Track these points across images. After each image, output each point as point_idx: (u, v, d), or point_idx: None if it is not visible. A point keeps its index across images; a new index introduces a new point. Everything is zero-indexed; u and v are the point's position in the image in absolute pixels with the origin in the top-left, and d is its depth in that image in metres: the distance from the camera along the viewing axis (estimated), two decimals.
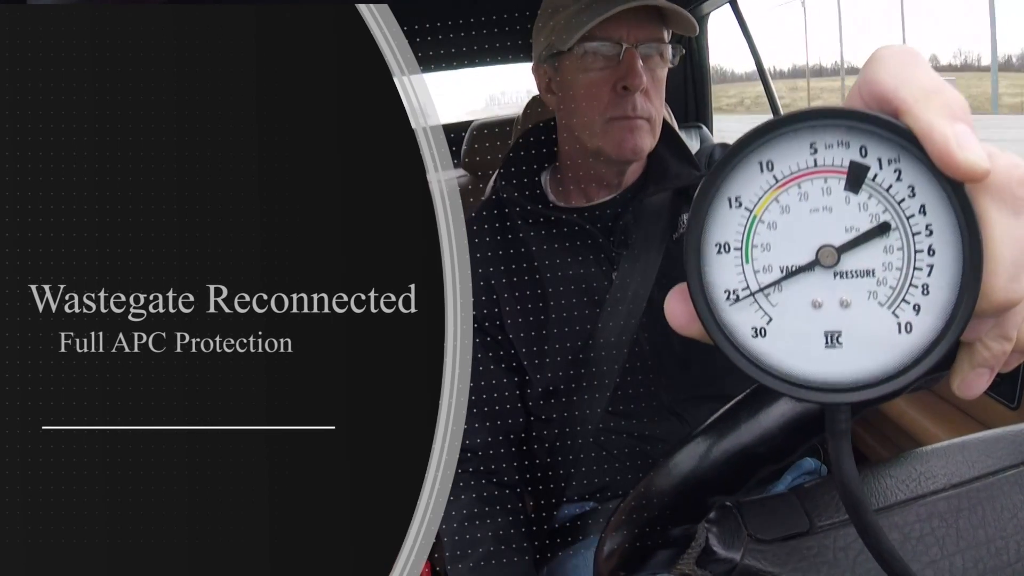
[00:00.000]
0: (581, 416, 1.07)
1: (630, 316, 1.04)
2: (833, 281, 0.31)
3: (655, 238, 1.06)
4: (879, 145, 0.30)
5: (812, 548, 0.43)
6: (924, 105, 0.29)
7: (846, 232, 0.31)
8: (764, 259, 0.32)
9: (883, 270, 0.31)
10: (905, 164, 0.30)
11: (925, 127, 0.28)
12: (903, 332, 0.31)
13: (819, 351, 0.32)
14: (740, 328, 0.33)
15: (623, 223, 1.07)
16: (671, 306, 0.35)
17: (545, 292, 1.09)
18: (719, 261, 0.33)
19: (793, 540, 0.43)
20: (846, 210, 0.31)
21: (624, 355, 1.04)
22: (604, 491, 1.14)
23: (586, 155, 1.08)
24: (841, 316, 0.32)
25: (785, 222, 0.32)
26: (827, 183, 0.31)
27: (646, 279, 1.04)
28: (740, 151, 0.32)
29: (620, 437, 1.10)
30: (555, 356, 1.08)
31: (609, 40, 0.99)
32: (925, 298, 0.30)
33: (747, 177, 0.32)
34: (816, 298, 0.32)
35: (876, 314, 0.31)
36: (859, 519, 0.34)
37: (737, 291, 0.33)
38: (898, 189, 0.30)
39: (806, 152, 0.31)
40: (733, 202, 0.32)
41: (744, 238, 0.32)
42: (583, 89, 1.02)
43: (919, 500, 0.43)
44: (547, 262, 1.09)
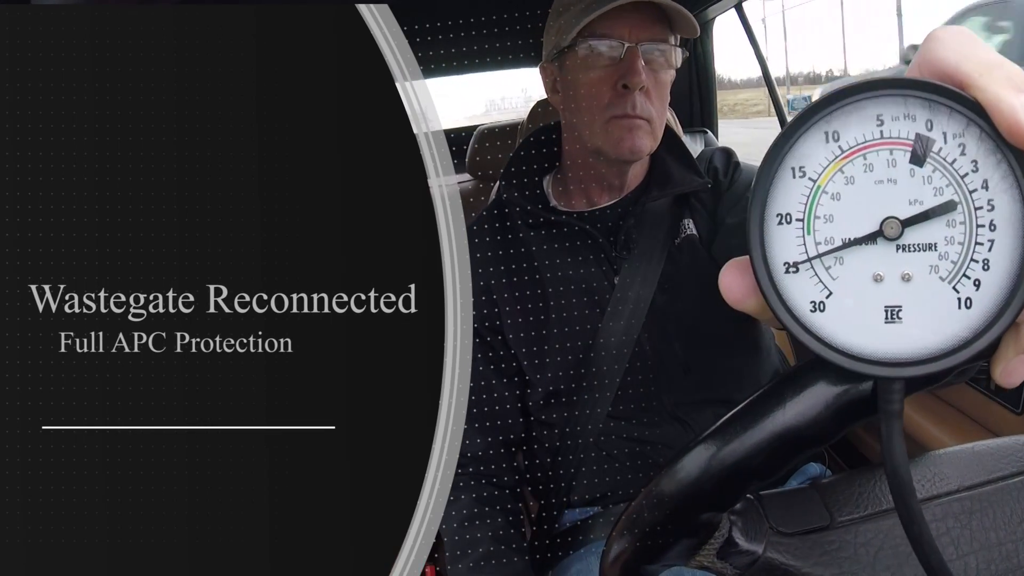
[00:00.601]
0: (583, 420, 1.07)
1: (632, 320, 1.04)
2: (895, 255, 0.31)
3: (658, 242, 1.06)
4: (944, 119, 0.30)
5: (833, 543, 0.42)
6: (988, 77, 0.29)
7: (910, 205, 0.31)
8: (826, 231, 0.32)
9: (945, 244, 0.31)
10: (969, 139, 0.30)
11: (992, 98, 0.28)
12: (963, 307, 0.31)
13: (878, 326, 0.32)
14: (799, 302, 0.32)
15: (625, 227, 1.07)
16: (727, 280, 0.34)
17: (547, 296, 1.08)
18: (780, 232, 0.32)
19: (814, 534, 0.43)
20: (910, 183, 0.31)
21: (626, 359, 1.04)
22: (607, 495, 1.13)
23: (587, 155, 1.08)
24: (902, 290, 0.31)
25: (849, 193, 0.32)
26: (892, 155, 0.31)
27: (648, 283, 1.04)
28: (806, 120, 0.32)
29: (622, 441, 1.09)
30: (556, 360, 1.08)
31: (611, 38, 0.99)
32: (985, 273, 0.30)
33: (812, 147, 0.32)
34: (878, 272, 0.31)
35: (937, 289, 0.31)
36: (904, 505, 0.33)
37: (797, 264, 0.32)
38: (962, 163, 0.30)
39: (872, 123, 0.31)
40: (797, 172, 0.32)
41: (807, 209, 0.32)
42: (584, 87, 1.02)
43: (935, 500, 0.43)
44: (549, 266, 1.09)
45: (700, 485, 0.40)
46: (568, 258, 1.08)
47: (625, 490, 1.11)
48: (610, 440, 1.09)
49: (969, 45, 0.30)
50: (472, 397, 1.11)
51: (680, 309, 1.06)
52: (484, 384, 1.13)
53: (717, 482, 0.39)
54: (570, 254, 1.08)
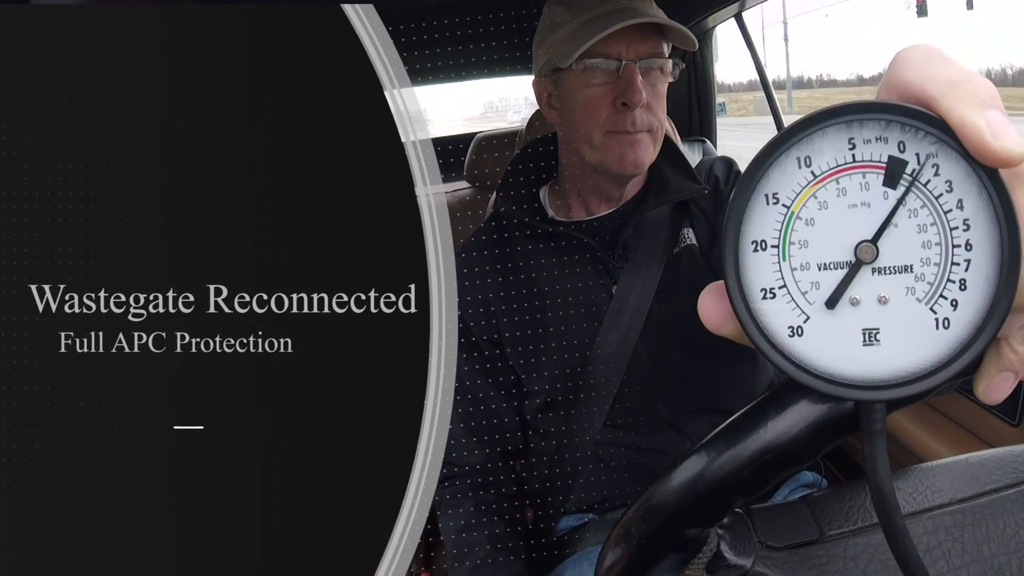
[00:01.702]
0: (580, 429, 1.07)
1: (630, 329, 1.04)
2: (871, 277, 0.31)
3: (656, 252, 1.06)
4: (917, 140, 0.30)
5: (822, 557, 0.42)
6: (953, 97, 0.29)
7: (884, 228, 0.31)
8: (801, 256, 0.32)
9: (921, 265, 0.31)
10: (942, 159, 0.30)
11: (956, 118, 0.28)
12: (941, 328, 0.31)
13: (856, 349, 0.32)
14: (776, 327, 0.32)
15: (623, 237, 1.07)
16: (705, 305, 0.35)
17: (544, 306, 1.09)
18: (756, 259, 0.32)
19: (803, 548, 0.43)
20: (884, 205, 0.31)
21: (623, 368, 1.04)
22: (603, 503, 1.13)
23: (587, 169, 1.08)
24: (879, 313, 0.31)
25: (823, 218, 0.32)
26: (865, 178, 0.31)
27: (646, 293, 1.04)
28: (778, 147, 0.32)
29: (619, 450, 1.09)
30: (554, 369, 1.09)
31: (608, 56, 0.99)
32: (963, 293, 0.30)
33: (785, 173, 0.32)
34: (854, 295, 0.31)
35: (914, 310, 0.31)
36: (888, 522, 0.33)
37: (773, 289, 0.32)
38: (936, 184, 0.30)
39: (844, 147, 0.31)
40: (770, 198, 0.32)
41: (781, 235, 0.32)
42: (583, 105, 1.02)
43: (926, 513, 0.43)
44: (547, 276, 1.09)
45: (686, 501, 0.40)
46: (566, 268, 1.09)
47: (621, 497, 1.12)
48: (607, 448, 1.10)
49: (934, 64, 0.30)
50: (471, 407, 1.12)
51: (678, 318, 1.06)
52: (483, 394, 1.14)
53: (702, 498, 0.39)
54: (568, 264, 1.09)
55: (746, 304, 0.32)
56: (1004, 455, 0.46)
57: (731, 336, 0.34)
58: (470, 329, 1.13)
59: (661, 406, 1.08)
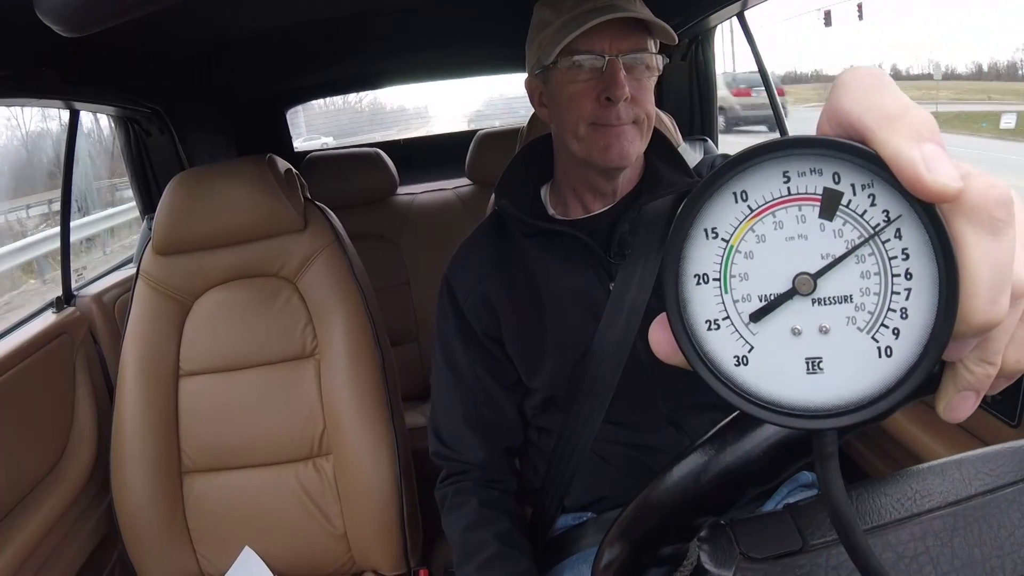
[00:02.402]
0: (579, 426, 1.07)
1: (628, 326, 1.04)
2: (812, 308, 0.32)
3: (653, 248, 1.06)
4: (852, 171, 0.30)
5: (804, 567, 0.42)
6: (888, 131, 0.28)
7: (822, 259, 0.31)
8: (743, 288, 0.32)
9: (861, 295, 0.31)
10: (879, 189, 0.30)
11: (892, 153, 0.28)
12: (883, 356, 0.31)
13: (801, 378, 0.32)
14: (722, 357, 0.33)
15: (619, 233, 1.08)
16: (655, 336, 0.35)
17: (543, 303, 1.09)
18: (699, 292, 0.33)
19: (785, 559, 0.43)
20: (821, 237, 0.31)
21: (622, 365, 1.05)
22: (602, 501, 1.14)
23: (578, 164, 1.08)
24: (821, 342, 0.32)
25: (762, 251, 0.32)
26: (801, 211, 0.31)
27: (643, 289, 1.05)
28: (714, 183, 0.32)
29: (618, 447, 1.10)
30: (553, 366, 1.09)
31: (592, 52, 1.00)
32: (904, 322, 0.30)
33: (722, 208, 0.32)
34: (796, 326, 0.32)
35: (856, 339, 0.31)
36: (848, 540, 0.33)
37: (717, 321, 0.33)
38: (872, 214, 0.30)
39: (779, 181, 0.31)
40: (710, 233, 0.32)
41: (722, 268, 0.33)
42: (568, 99, 1.04)
43: (914, 519, 0.42)
44: (546, 274, 1.10)
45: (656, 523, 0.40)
46: (564, 266, 1.09)
47: (620, 495, 1.12)
48: (606, 446, 1.10)
49: (872, 93, 0.30)
50: (474, 406, 1.13)
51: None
52: (485, 392, 1.15)
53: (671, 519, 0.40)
54: (566, 262, 1.09)
55: (688, 336, 0.33)
56: (999, 452, 0.45)
57: (680, 365, 0.35)
58: (472, 324, 1.13)
59: (660, 402, 1.08)
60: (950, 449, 1.22)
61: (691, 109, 2.36)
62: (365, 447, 1.53)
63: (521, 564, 1.06)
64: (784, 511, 0.45)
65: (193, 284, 1.63)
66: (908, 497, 0.43)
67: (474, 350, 1.15)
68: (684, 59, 2.29)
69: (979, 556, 0.41)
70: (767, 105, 2.14)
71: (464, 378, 1.16)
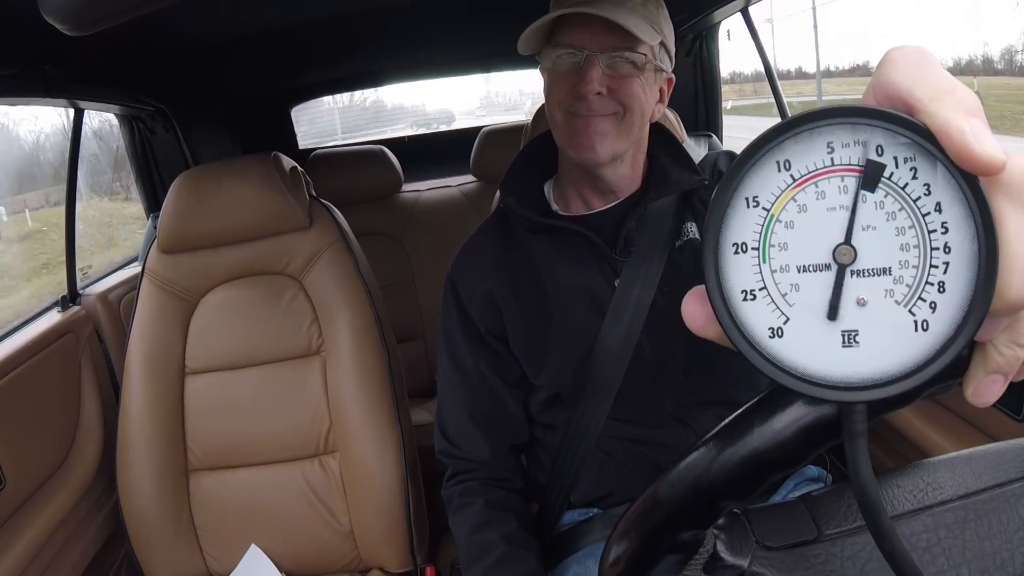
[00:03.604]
0: (584, 422, 1.08)
1: (633, 323, 1.04)
2: (850, 280, 0.31)
3: (658, 245, 1.06)
4: (895, 144, 0.30)
5: (819, 556, 0.42)
6: (939, 102, 0.29)
7: (863, 231, 0.31)
8: (781, 259, 0.32)
9: (899, 268, 0.31)
10: (920, 162, 0.30)
11: (942, 123, 0.28)
12: (919, 330, 0.31)
13: (836, 351, 0.32)
14: (757, 329, 0.33)
15: (625, 230, 1.08)
16: (689, 308, 0.35)
17: (549, 300, 1.09)
18: (736, 261, 0.33)
19: (800, 548, 0.43)
20: (862, 208, 0.31)
21: (627, 361, 1.05)
22: (608, 498, 1.14)
23: (568, 159, 1.09)
24: (858, 315, 0.32)
25: (802, 221, 0.32)
26: (844, 182, 0.31)
27: (648, 285, 1.05)
28: (757, 151, 0.32)
29: (624, 443, 1.10)
30: (558, 363, 1.09)
31: (572, 47, 1.01)
32: (941, 296, 0.30)
33: (764, 177, 0.32)
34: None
35: (893, 312, 0.31)
36: (874, 523, 0.33)
37: (754, 291, 0.33)
38: (914, 187, 0.30)
39: (823, 151, 0.31)
40: (751, 202, 0.32)
41: (762, 238, 0.32)
42: (549, 90, 1.05)
43: (926, 511, 0.42)
44: (551, 270, 1.10)
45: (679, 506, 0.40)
46: (569, 262, 1.09)
47: (626, 491, 1.12)
48: (611, 442, 1.10)
49: (922, 69, 0.30)
50: (479, 403, 1.13)
51: (680, 311, 1.05)
52: (490, 389, 1.15)
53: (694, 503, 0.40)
54: (571, 258, 1.09)
55: (726, 306, 0.33)
56: (1008, 449, 0.45)
57: (714, 338, 0.35)
58: (476, 322, 1.14)
59: (665, 399, 1.08)
60: (955, 443, 1.21)
61: (695, 105, 2.35)
62: (371, 444, 1.53)
63: (528, 564, 1.06)
64: (798, 501, 0.45)
65: (198, 282, 1.63)
66: (920, 489, 0.43)
67: (478, 348, 1.15)
68: (688, 55, 2.28)
69: (989, 549, 0.41)
70: None
71: (469, 376, 1.16)
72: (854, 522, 0.43)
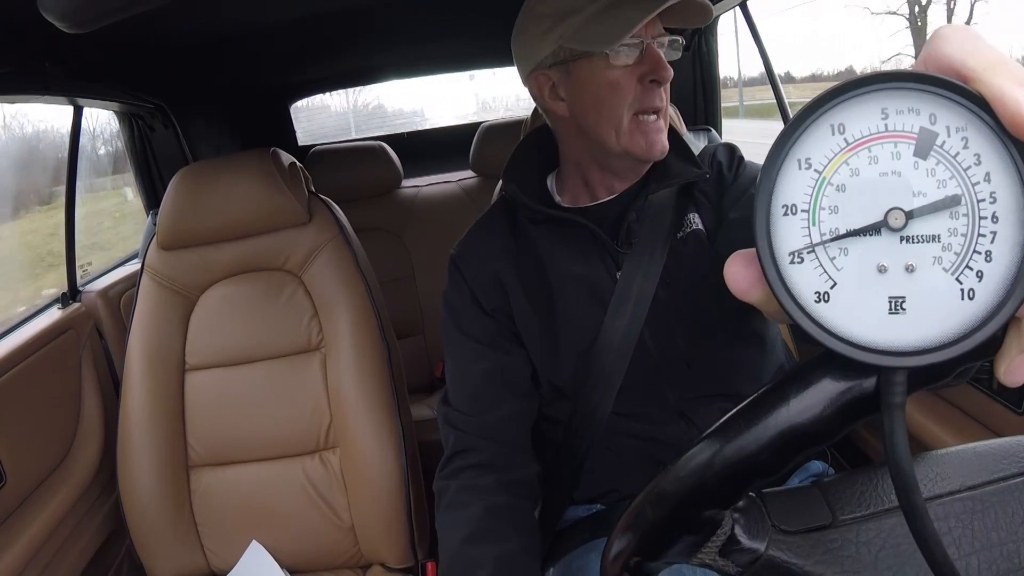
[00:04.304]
0: (587, 417, 1.07)
1: (635, 316, 1.04)
2: (900, 246, 0.32)
3: (659, 237, 1.06)
4: (947, 113, 0.31)
5: (835, 541, 0.42)
6: (993, 72, 0.29)
7: (914, 197, 0.31)
8: (831, 222, 0.32)
9: (948, 236, 0.31)
10: (972, 132, 0.30)
11: (997, 91, 0.29)
12: (966, 298, 0.31)
13: (882, 316, 0.32)
14: (803, 292, 0.33)
15: (627, 222, 1.07)
16: (732, 270, 0.35)
17: (551, 291, 1.09)
18: (785, 223, 0.33)
19: (816, 532, 0.43)
20: (914, 175, 0.31)
21: (629, 354, 1.04)
22: (612, 493, 1.13)
23: (606, 156, 1.07)
24: (906, 281, 0.32)
25: (854, 185, 0.32)
26: (897, 148, 0.31)
27: (650, 277, 1.04)
28: (812, 112, 0.32)
29: (628, 439, 1.09)
30: (561, 355, 1.08)
31: (633, 36, 0.99)
32: (988, 265, 0.31)
33: (818, 139, 0.32)
34: (882, 262, 0.32)
35: (940, 280, 0.31)
36: (907, 500, 0.33)
37: (802, 253, 0.33)
38: (964, 156, 0.31)
39: (877, 116, 0.32)
40: (803, 163, 0.32)
41: (812, 200, 0.33)
42: (607, 87, 1.01)
43: (936, 500, 0.42)
44: (553, 261, 1.09)
45: (703, 482, 0.40)
46: (571, 253, 1.09)
47: (629, 487, 1.11)
48: (615, 437, 1.09)
49: (974, 42, 0.31)
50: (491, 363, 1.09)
51: (684, 303, 1.06)
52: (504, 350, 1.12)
53: (720, 479, 0.39)
54: (573, 249, 1.09)
55: (776, 267, 0.33)
56: (1012, 444, 0.45)
57: (756, 302, 0.35)
58: (482, 300, 1.12)
59: (668, 392, 1.07)
60: (956, 436, 1.22)
61: (695, 99, 2.35)
62: (371, 440, 1.53)
63: None
64: (812, 486, 0.46)
65: (198, 278, 1.63)
66: (930, 479, 0.43)
67: (487, 318, 1.12)
68: (688, 49, 2.28)
69: (996, 540, 0.41)
70: None
71: (479, 340, 1.12)
72: (868, 508, 0.43)
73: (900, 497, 0.34)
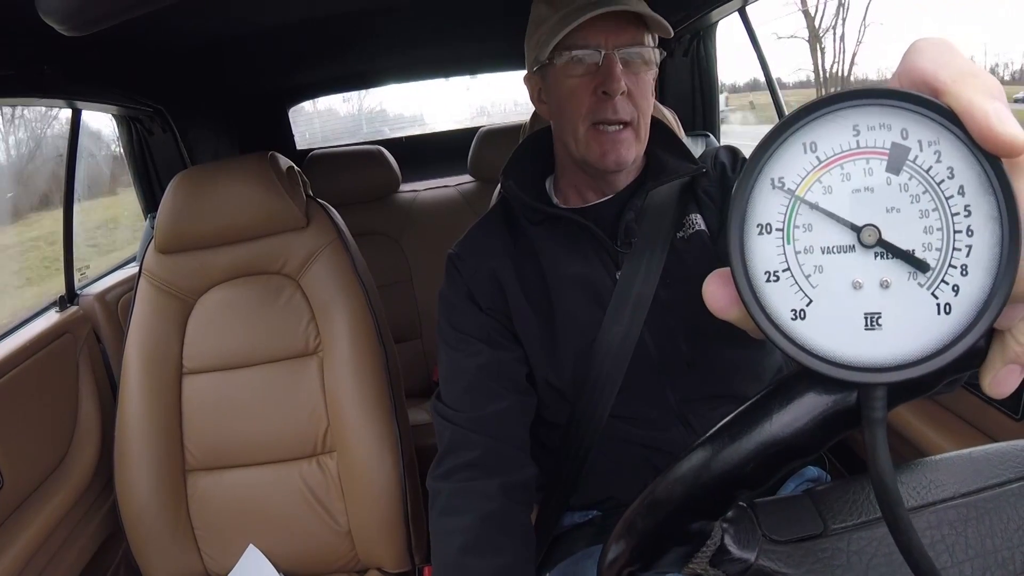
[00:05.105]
0: (586, 420, 1.06)
1: (634, 318, 1.03)
2: (874, 262, 0.32)
3: (659, 236, 1.06)
4: (919, 127, 0.31)
5: (826, 550, 0.42)
6: (963, 84, 0.29)
7: (887, 213, 0.31)
8: (806, 240, 0.33)
9: (923, 251, 0.31)
10: (944, 146, 0.30)
11: (966, 104, 0.29)
12: (942, 313, 0.31)
13: (858, 333, 0.32)
14: (780, 310, 0.33)
15: (625, 221, 1.07)
16: (710, 289, 0.35)
17: (550, 292, 1.08)
18: (760, 242, 0.33)
19: (807, 542, 0.43)
20: (887, 191, 0.31)
21: (630, 354, 1.04)
22: (609, 501, 1.13)
23: (575, 163, 1.08)
24: (881, 297, 0.32)
25: (827, 202, 0.32)
26: (869, 164, 0.32)
27: (649, 280, 1.04)
28: (783, 132, 0.32)
29: (628, 446, 1.08)
30: (562, 357, 1.08)
31: (588, 47, 1.00)
32: (964, 279, 0.31)
33: (790, 158, 0.32)
34: (857, 279, 0.32)
35: (916, 295, 0.31)
36: (891, 513, 0.33)
37: (777, 272, 0.33)
38: (938, 170, 0.31)
39: (849, 133, 0.32)
40: (776, 183, 0.33)
41: (786, 219, 0.33)
42: (567, 95, 1.04)
43: (930, 507, 0.42)
44: (552, 262, 1.09)
45: (691, 493, 0.40)
46: (570, 253, 1.08)
47: (628, 494, 1.10)
48: (615, 443, 1.08)
49: (947, 54, 0.31)
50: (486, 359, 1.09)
51: (684, 304, 1.05)
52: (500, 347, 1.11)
53: (707, 491, 0.39)
54: (572, 250, 1.08)
55: (751, 286, 0.33)
56: (1007, 449, 0.45)
57: (735, 321, 0.35)
58: (478, 298, 1.12)
59: (669, 394, 1.06)
60: (953, 442, 1.22)
61: (693, 104, 2.36)
62: (369, 444, 1.53)
63: None
64: (804, 495, 0.46)
65: (196, 282, 1.63)
66: (923, 486, 0.43)
67: (483, 315, 1.12)
68: (686, 55, 2.28)
69: (991, 547, 0.41)
70: None
71: (474, 336, 1.11)
72: (859, 517, 0.43)
73: (884, 510, 0.34)
